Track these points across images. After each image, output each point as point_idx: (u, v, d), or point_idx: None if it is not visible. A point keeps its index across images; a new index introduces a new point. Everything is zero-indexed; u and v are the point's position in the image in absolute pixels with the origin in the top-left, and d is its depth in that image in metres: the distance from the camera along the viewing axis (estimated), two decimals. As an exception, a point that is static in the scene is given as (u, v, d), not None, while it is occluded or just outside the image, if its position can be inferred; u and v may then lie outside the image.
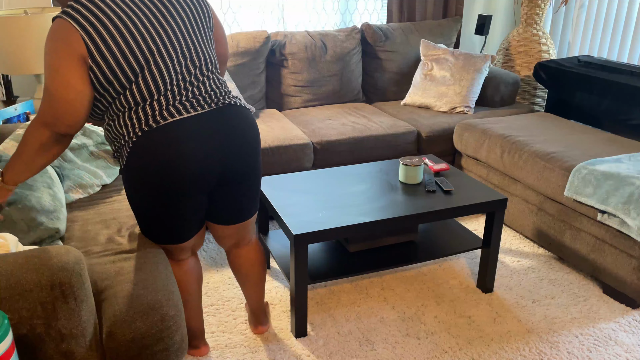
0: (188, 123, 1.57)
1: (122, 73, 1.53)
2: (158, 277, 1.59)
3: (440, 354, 2.06)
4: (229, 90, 1.73)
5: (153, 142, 1.55)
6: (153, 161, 1.56)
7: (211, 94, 1.65)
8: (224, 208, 1.77)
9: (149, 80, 1.55)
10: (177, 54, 1.59)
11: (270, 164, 2.84)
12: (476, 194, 2.27)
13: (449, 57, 3.50)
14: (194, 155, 1.57)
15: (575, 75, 3.32)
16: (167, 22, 1.59)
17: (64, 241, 1.79)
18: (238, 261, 1.99)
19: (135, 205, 1.68)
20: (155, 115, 1.55)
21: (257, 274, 2.02)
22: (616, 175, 2.28)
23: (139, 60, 1.53)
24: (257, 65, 3.35)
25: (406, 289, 2.45)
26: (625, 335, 2.17)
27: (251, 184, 1.77)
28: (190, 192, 1.62)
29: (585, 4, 3.85)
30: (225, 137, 1.63)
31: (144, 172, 1.58)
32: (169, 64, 1.57)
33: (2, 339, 1.15)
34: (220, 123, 1.62)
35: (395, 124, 3.17)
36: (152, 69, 1.55)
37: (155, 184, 1.58)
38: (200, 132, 1.58)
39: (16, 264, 1.28)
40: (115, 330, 1.43)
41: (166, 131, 1.55)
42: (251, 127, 1.71)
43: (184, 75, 1.60)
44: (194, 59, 1.63)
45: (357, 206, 2.15)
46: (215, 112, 1.63)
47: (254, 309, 2.12)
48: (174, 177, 1.57)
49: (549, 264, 2.65)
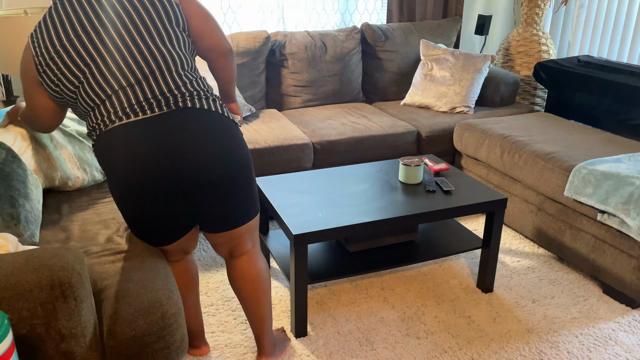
0: (131, 128, 1.51)
1: (67, 81, 1.57)
2: (158, 275, 1.59)
3: (440, 354, 2.06)
4: (200, 89, 1.60)
5: (102, 147, 1.55)
6: (106, 165, 1.56)
7: (167, 97, 1.53)
8: (206, 215, 1.63)
9: (94, 86, 1.54)
10: (118, 59, 1.53)
11: (270, 164, 2.84)
12: (476, 194, 2.27)
13: (449, 57, 3.50)
14: (138, 160, 1.50)
15: (575, 75, 3.33)
16: (105, 27, 1.54)
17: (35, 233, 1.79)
18: (232, 274, 1.82)
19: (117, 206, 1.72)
20: (104, 120, 1.54)
21: (251, 291, 1.81)
22: (616, 175, 2.28)
23: (79, 67, 1.54)
24: (257, 65, 3.35)
25: (406, 289, 2.45)
26: (625, 335, 2.17)
27: (229, 192, 1.60)
28: (144, 197, 1.54)
29: (585, 4, 3.85)
30: (171, 142, 1.50)
31: (108, 176, 1.59)
32: (111, 69, 1.53)
33: (2, 339, 1.15)
34: (166, 127, 1.51)
35: (395, 124, 3.17)
36: (94, 75, 1.54)
37: (116, 187, 1.57)
38: (145, 136, 1.50)
39: (16, 264, 1.28)
40: (116, 329, 1.43)
41: (112, 136, 1.52)
42: (212, 133, 1.55)
43: (128, 80, 1.52)
44: (140, 62, 1.53)
45: (357, 206, 2.15)
46: (165, 115, 1.51)
47: (254, 333, 1.92)
48: (123, 181, 1.54)
49: (549, 264, 2.65)
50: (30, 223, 1.76)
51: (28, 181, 1.90)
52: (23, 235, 1.70)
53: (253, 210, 1.71)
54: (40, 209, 1.90)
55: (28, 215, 1.76)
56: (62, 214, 1.97)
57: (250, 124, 3.09)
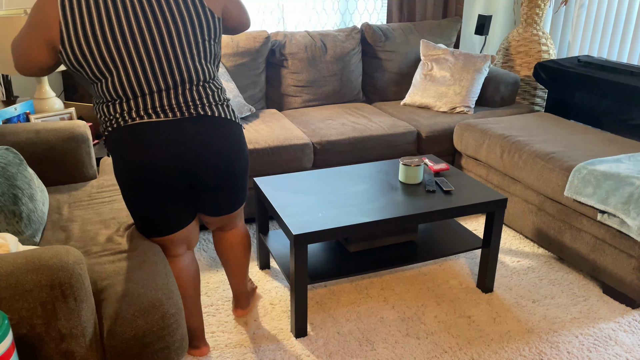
0: (153, 127, 1.60)
1: (97, 69, 1.58)
2: (158, 275, 1.59)
3: (440, 354, 2.06)
4: (218, 99, 1.71)
5: (121, 140, 1.61)
6: (122, 157, 1.63)
7: (189, 105, 1.64)
8: (206, 204, 1.84)
9: (124, 83, 1.59)
10: (148, 68, 1.59)
11: (270, 164, 2.84)
12: (476, 194, 2.27)
13: (449, 57, 3.50)
14: (155, 159, 1.61)
15: (575, 75, 3.33)
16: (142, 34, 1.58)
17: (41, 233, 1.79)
18: (221, 243, 2.05)
19: (121, 192, 1.75)
20: (124, 115, 1.60)
21: (238, 256, 2.08)
22: (616, 175, 2.28)
23: (114, 58, 1.56)
24: (257, 65, 3.35)
25: (406, 289, 2.45)
26: (625, 335, 2.17)
27: (230, 189, 1.81)
28: (155, 191, 1.67)
29: (585, 4, 3.85)
30: (187, 145, 1.63)
31: (117, 164, 1.67)
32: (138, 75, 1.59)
33: (2, 339, 1.15)
34: (184, 132, 1.63)
35: (395, 124, 3.17)
36: (121, 76, 1.58)
37: (126, 178, 1.66)
38: (164, 137, 1.61)
39: (16, 264, 1.28)
40: (116, 329, 1.43)
41: (132, 131, 1.60)
42: (224, 138, 1.70)
43: (152, 88, 1.61)
44: (167, 75, 1.62)
45: (357, 206, 2.15)
46: (183, 121, 1.63)
47: (235, 291, 2.20)
48: (137, 175, 1.64)
49: (549, 264, 2.65)
50: (33, 222, 1.76)
51: (33, 183, 1.90)
52: (24, 234, 1.70)
53: (244, 198, 1.95)
54: (46, 212, 1.90)
55: (31, 214, 1.76)
56: (62, 214, 1.97)
57: (250, 124, 3.09)
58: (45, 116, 2.67)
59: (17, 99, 3.04)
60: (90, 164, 2.33)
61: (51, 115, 2.68)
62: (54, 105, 2.77)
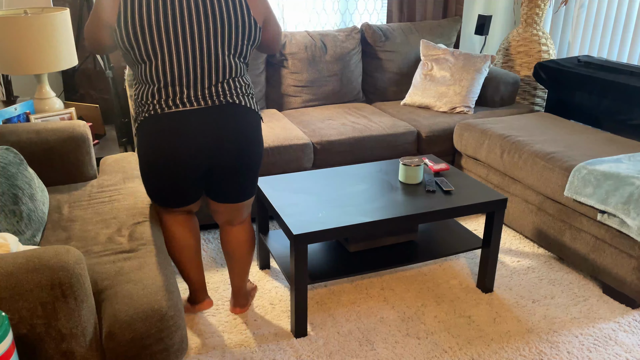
0: (187, 116, 1.77)
1: (144, 51, 1.73)
2: (158, 277, 1.59)
3: (440, 354, 2.06)
4: (245, 91, 1.86)
5: (154, 126, 1.77)
6: (151, 141, 1.78)
7: (219, 93, 1.80)
8: (219, 190, 1.95)
9: (165, 67, 1.74)
10: (195, 59, 1.76)
11: (270, 164, 2.84)
12: (476, 194, 2.27)
13: (449, 57, 3.50)
14: (184, 148, 1.77)
15: (575, 75, 3.33)
16: (183, 26, 1.73)
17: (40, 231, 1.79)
18: (227, 238, 2.13)
19: (139, 165, 1.89)
20: (160, 102, 1.76)
21: (242, 253, 2.14)
22: (616, 175, 2.28)
23: (159, 44, 1.72)
24: (257, 66, 3.35)
25: (406, 289, 2.45)
26: (625, 335, 2.17)
27: (244, 176, 1.93)
28: (178, 175, 1.83)
29: (585, 4, 3.85)
30: (212, 130, 1.79)
31: (145, 145, 1.81)
32: (174, 64, 1.75)
33: (2, 339, 1.15)
34: (211, 117, 1.79)
35: (395, 124, 3.17)
36: (171, 59, 1.74)
37: (152, 160, 1.81)
38: (194, 126, 1.77)
39: (16, 264, 1.28)
40: (115, 331, 1.43)
41: (167, 118, 1.76)
42: (247, 125, 1.85)
43: (196, 76, 1.77)
44: (211, 67, 1.78)
45: (357, 206, 2.15)
46: (212, 108, 1.79)
47: (235, 288, 2.24)
48: (163, 161, 1.80)
49: (548, 264, 2.65)
50: (33, 222, 1.76)
51: (34, 183, 1.90)
52: (25, 233, 1.70)
53: (253, 192, 2.05)
54: (46, 212, 1.90)
55: (31, 214, 1.76)
56: (62, 214, 1.97)
57: (250, 124, 3.09)
58: (46, 116, 2.67)
59: (17, 99, 3.04)
60: (90, 164, 2.33)
61: (51, 115, 2.68)
62: (54, 105, 2.77)
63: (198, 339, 2.12)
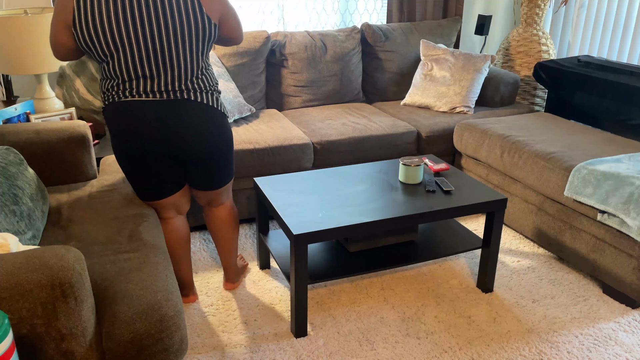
0: (141, 104, 1.87)
1: (101, 51, 1.82)
2: (157, 277, 1.59)
3: (440, 354, 2.06)
4: (205, 88, 1.94)
5: (113, 112, 1.89)
6: (113, 128, 1.91)
7: (176, 90, 1.89)
8: (193, 178, 2.08)
9: (122, 64, 1.84)
10: (150, 57, 1.84)
11: (270, 164, 2.84)
12: (476, 194, 2.27)
13: (449, 57, 3.50)
14: (140, 131, 1.88)
15: (575, 75, 3.32)
16: (143, 28, 1.82)
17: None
18: (209, 218, 2.27)
19: (116, 159, 2.02)
20: (119, 92, 1.87)
21: (225, 231, 2.28)
22: (616, 175, 2.28)
23: (115, 44, 1.81)
24: (257, 65, 3.35)
25: (406, 289, 2.45)
26: (625, 335, 2.17)
27: (211, 166, 2.04)
28: (141, 159, 1.93)
29: (585, 4, 3.85)
30: (169, 122, 1.89)
31: (111, 130, 1.93)
32: (135, 61, 1.84)
33: (2, 339, 1.15)
34: (169, 111, 1.88)
35: (395, 124, 3.17)
36: (126, 56, 1.82)
37: (119, 146, 1.93)
38: (150, 114, 1.87)
39: (16, 264, 1.28)
40: (115, 331, 1.43)
41: (124, 106, 1.87)
42: (204, 120, 1.93)
43: (152, 72, 1.86)
44: (166, 64, 1.86)
45: (357, 206, 2.15)
46: (169, 102, 1.89)
47: (224, 265, 2.38)
48: (125, 145, 1.91)
49: (548, 264, 2.65)
50: (33, 222, 1.76)
51: (34, 183, 1.90)
52: (25, 233, 1.70)
53: (228, 178, 2.16)
54: (46, 212, 1.90)
55: (31, 214, 1.76)
56: (62, 214, 1.97)
57: (250, 124, 3.09)
58: (46, 116, 2.67)
59: (18, 99, 3.04)
60: (91, 164, 2.33)
61: (51, 115, 2.68)
62: (54, 105, 2.78)
63: (198, 339, 2.12)
